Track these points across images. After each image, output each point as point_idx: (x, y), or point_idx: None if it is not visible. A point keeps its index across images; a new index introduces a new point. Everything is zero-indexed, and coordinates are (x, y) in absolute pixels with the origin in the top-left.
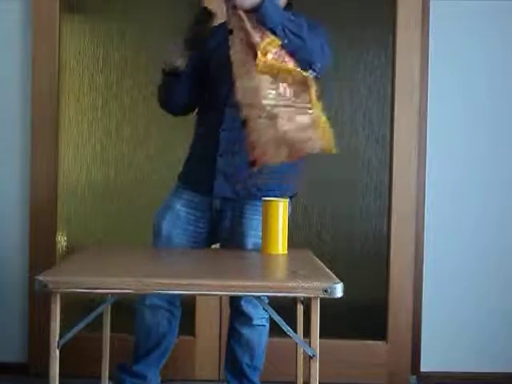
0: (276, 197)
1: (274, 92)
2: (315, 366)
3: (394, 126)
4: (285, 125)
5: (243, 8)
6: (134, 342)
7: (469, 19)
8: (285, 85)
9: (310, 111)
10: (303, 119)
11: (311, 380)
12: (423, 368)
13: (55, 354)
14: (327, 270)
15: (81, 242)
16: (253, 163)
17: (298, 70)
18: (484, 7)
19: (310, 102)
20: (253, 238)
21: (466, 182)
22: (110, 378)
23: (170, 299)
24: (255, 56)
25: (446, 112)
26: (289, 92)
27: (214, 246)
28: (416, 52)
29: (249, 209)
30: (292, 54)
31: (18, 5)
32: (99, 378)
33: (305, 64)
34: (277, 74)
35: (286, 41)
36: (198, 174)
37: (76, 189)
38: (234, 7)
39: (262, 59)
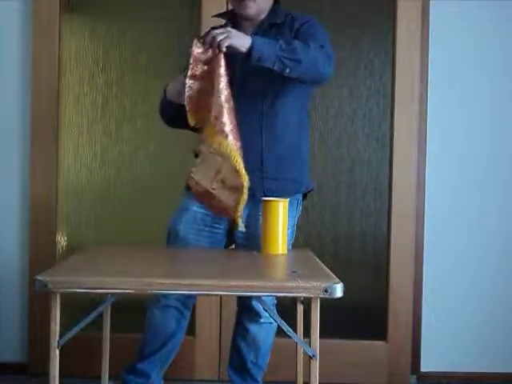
0: (292, 194)
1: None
2: (315, 366)
3: (394, 125)
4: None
5: (226, 45)
6: (142, 339)
7: (469, 19)
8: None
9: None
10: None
11: (311, 380)
12: (423, 368)
13: (55, 354)
14: (327, 270)
15: (81, 242)
16: None
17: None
18: (484, 7)
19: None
20: None
21: (466, 182)
22: (110, 377)
23: (185, 301)
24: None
25: (446, 112)
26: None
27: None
28: (416, 52)
29: None
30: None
31: (18, 5)
32: (99, 377)
33: (316, 80)
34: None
35: (287, 71)
36: None
37: (76, 189)
38: (218, 47)
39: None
